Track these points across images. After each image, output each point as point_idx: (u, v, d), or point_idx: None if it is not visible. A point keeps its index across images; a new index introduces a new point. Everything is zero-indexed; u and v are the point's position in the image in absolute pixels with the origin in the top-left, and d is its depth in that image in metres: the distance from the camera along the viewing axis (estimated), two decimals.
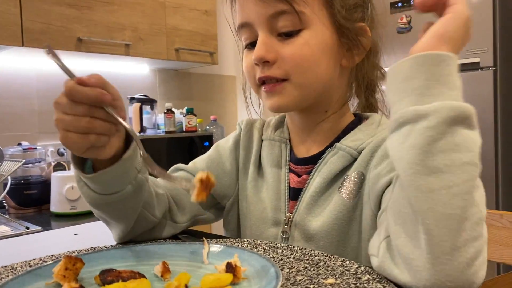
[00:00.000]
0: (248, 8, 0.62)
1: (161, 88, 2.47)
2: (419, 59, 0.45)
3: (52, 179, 1.73)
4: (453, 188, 0.41)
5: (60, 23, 1.76)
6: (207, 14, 2.29)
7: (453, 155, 0.42)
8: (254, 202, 0.71)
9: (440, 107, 0.43)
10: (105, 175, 0.55)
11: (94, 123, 0.51)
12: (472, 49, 1.94)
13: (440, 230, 0.40)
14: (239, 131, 0.78)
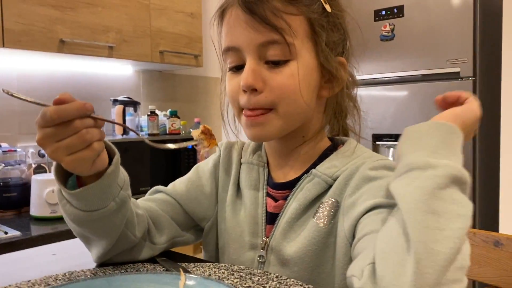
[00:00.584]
0: (238, 33, 0.63)
1: (144, 89, 2.45)
2: (438, 125, 0.52)
3: (32, 182, 1.71)
4: (446, 231, 0.44)
5: (43, 24, 1.74)
6: (192, 17, 2.28)
7: (451, 206, 0.46)
8: (232, 225, 0.72)
9: (447, 165, 0.48)
10: (90, 190, 0.56)
11: (92, 133, 0.53)
12: (453, 59, 1.98)
13: (428, 263, 0.42)
14: (219, 153, 0.78)
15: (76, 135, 0.52)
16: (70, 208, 0.58)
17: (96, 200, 0.58)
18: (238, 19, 0.63)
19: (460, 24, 1.95)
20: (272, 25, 0.60)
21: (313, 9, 0.63)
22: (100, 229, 0.62)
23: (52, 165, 1.63)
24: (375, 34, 2.19)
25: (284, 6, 0.61)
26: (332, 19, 0.65)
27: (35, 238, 1.47)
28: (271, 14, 0.60)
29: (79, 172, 0.56)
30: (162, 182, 2.30)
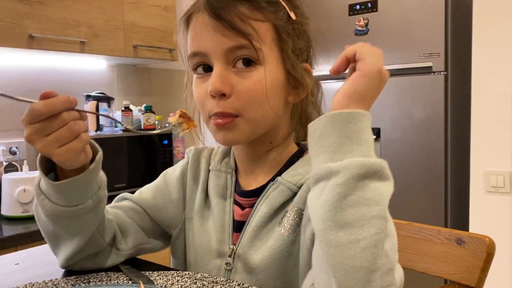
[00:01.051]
0: (205, 38, 0.62)
1: (119, 84, 2.42)
2: (332, 118, 0.50)
3: (3, 181, 1.68)
4: (362, 242, 0.44)
5: (10, 19, 1.69)
6: (166, 10, 2.25)
7: (363, 209, 0.46)
8: (200, 232, 0.72)
9: (349, 165, 0.47)
10: (72, 183, 0.58)
11: (78, 123, 0.55)
12: (426, 54, 2.00)
13: (349, 283, 0.44)
14: (187, 160, 0.78)
15: (65, 127, 0.54)
16: (48, 203, 0.60)
17: (75, 195, 0.60)
18: (205, 24, 0.62)
19: (433, 19, 1.97)
20: (240, 30, 0.60)
21: (279, 16, 0.64)
22: (74, 227, 0.63)
23: (23, 163, 1.58)
24: (349, 29, 2.20)
25: (251, 12, 0.62)
26: (297, 26, 0.66)
27: (6, 239, 1.45)
28: (239, 20, 0.61)
29: (69, 164, 0.57)
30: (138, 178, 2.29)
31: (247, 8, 0.62)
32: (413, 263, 0.88)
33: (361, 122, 0.50)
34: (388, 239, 0.46)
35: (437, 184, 2.00)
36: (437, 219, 2.01)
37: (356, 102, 0.52)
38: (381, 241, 0.45)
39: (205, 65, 0.65)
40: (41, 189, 0.60)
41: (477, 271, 0.79)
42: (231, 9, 0.61)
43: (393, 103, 2.10)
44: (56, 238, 0.66)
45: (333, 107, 0.53)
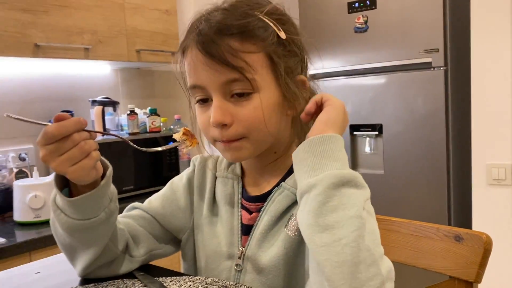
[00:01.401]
0: (201, 73, 0.65)
1: (123, 87, 2.46)
2: (308, 143, 0.59)
3: (15, 188, 1.72)
4: (343, 240, 0.50)
5: (15, 29, 1.72)
6: (167, 14, 2.28)
7: (341, 212, 0.53)
8: (209, 236, 0.76)
9: (324, 177, 0.55)
10: (85, 199, 0.63)
11: (90, 144, 0.60)
12: (425, 50, 2.02)
13: (337, 276, 0.49)
14: (193, 168, 0.82)
15: (76, 147, 0.59)
16: (64, 217, 0.64)
17: (89, 209, 0.64)
18: (198, 60, 0.65)
19: (431, 15, 2.00)
20: (231, 65, 0.62)
21: (269, 42, 0.65)
22: (88, 239, 0.67)
23: (33, 169, 1.62)
24: (349, 26, 2.22)
25: (241, 45, 0.63)
26: (288, 45, 0.68)
27: (20, 244, 1.49)
28: (229, 55, 0.62)
29: (81, 180, 0.62)
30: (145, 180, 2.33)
31: (237, 41, 0.63)
32: (415, 260, 0.91)
33: (333, 143, 0.58)
34: (369, 235, 0.52)
35: (439, 178, 2.03)
36: (440, 213, 2.04)
37: (331, 127, 0.60)
38: (360, 236, 0.51)
39: (204, 98, 0.68)
40: (57, 204, 0.65)
41: (475, 266, 0.82)
42: (221, 44, 0.63)
43: (394, 99, 2.12)
44: (72, 250, 0.70)
45: (311, 133, 0.61)
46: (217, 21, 0.64)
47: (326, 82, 2.29)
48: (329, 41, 2.30)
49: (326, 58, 2.29)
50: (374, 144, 2.25)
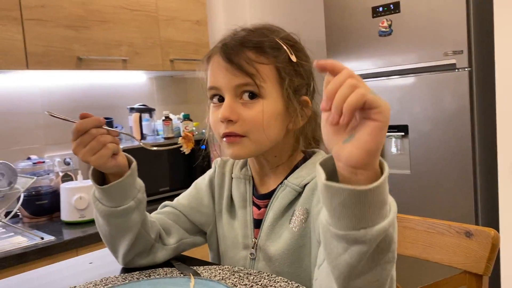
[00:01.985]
0: (219, 76, 0.77)
1: (158, 94, 2.60)
2: (357, 193, 0.46)
3: (61, 190, 1.87)
4: (374, 283, 0.52)
5: (60, 45, 1.88)
6: (198, 24, 2.40)
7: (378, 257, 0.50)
8: (228, 229, 0.88)
9: (376, 236, 0.47)
10: (114, 186, 0.76)
11: (105, 137, 0.74)
12: (449, 52, 2.06)
13: None
14: (214, 170, 0.94)
15: (94, 139, 0.72)
16: (101, 206, 0.78)
17: (119, 197, 0.78)
18: (220, 65, 0.77)
19: (455, 17, 2.03)
20: (245, 71, 0.75)
21: (280, 60, 0.78)
22: (123, 226, 0.80)
23: (78, 173, 1.79)
24: (373, 30, 2.28)
25: (256, 57, 0.77)
26: (297, 67, 0.79)
27: (68, 242, 1.64)
28: (245, 63, 0.76)
29: (103, 167, 0.76)
30: (180, 181, 2.47)
31: (253, 53, 0.77)
32: (428, 255, 0.98)
33: (380, 188, 0.47)
34: (393, 266, 0.53)
35: (466, 177, 2.06)
36: (467, 212, 2.06)
37: (375, 157, 0.48)
38: (389, 277, 0.53)
39: (219, 96, 0.79)
40: (95, 196, 0.80)
41: (484, 260, 0.88)
42: (240, 54, 0.76)
43: (419, 100, 2.16)
44: (112, 239, 0.83)
45: (351, 163, 0.47)
46: (241, 36, 0.78)
47: None
48: (354, 45, 2.36)
49: (352, 61, 2.36)
50: (401, 144, 2.29)
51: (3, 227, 1.80)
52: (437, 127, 2.12)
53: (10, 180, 1.59)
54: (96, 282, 0.72)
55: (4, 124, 2.03)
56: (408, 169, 2.23)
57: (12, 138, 2.05)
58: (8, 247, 1.53)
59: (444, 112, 2.09)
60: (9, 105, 2.05)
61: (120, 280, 0.72)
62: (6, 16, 1.72)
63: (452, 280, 0.95)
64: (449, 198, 2.11)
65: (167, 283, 0.67)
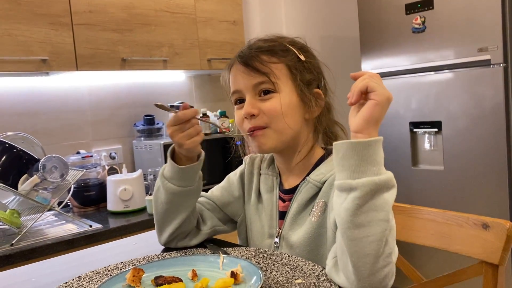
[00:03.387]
0: (238, 79, 0.89)
1: (197, 92, 2.72)
2: (353, 144, 0.65)
3: (108, 182, 2.02)
4: (370, 237, 0.63)
5: (106, 47, 2.02)
6: (235, 24, 2.50)
7: (372, 214, 0.63)
8: (256, 220, 0.97)
9: (365, 183, 0.63)
10: (190, 168, 0.88)
11: (198, 126, 0.85)
12: (484, 47, 2.05)
13: (361, 264, 0.63)
14: (244, 166, 1.04)
15: (193, 127, 0.83)
16: (170, 185, 0.89)
17: (189, 179, 0.89)
18: (238, 70, 0.89)
19: (489, 13, 2.02)
20: (261, 71, 0.86)
21: (289, 59, 0.88)
22: (181, 204, 0.90)
23: (122, 166, 1.92)
24: (407, 27, 2.30)
25: (269, 58, 0.88)
26: (306, 64, 0.89)
27: (113, 229, 1.77)
28: (260, 64, 0.86)
29: (192, 151, 0.86)
30: (217, 175, 2.60)
31: (266, 56, 0.88)
32: (447, 245, 1.03)
33: (375, 147, 0.64)
34: (390, 232, 0.64)
35: (500, 174, 2.05)
36: (502, 209, 2.06)
37: (373, 126, 0.66)
38: (385, 236, 0.63)
39: (241, 99, 0.90)
40: (165, 176, 0.90)
41: (500, 251, 0.93)
42: (255, 58, 0.87)
43: (453, 96, 2.17)
44: (166, 216, 0.93)
45: (353, 129, 0.67)
46: (254, 44, 0.91)
47: (387, 81, 2.39)
48: (387, 41, 2.39)
49: (385, 57, 2.39)
50: (434, 140, 2.31)
51: (55, 216, 1.97)
52: (471, 123, 2.12)
53: (62, 172, 1.74)
54: (139, 259, 0.83)
55: (56, 121, 2.20)
56: (442, 165, 2.24)
57: (63, 134, 2.22)
58: (60, 234, 1.68)
59: (479, 108, 2.09)
60: (60, 103, 2.22)
61: (160, 258, 0.82)
62: (58, 22, 1.87)
63: (470, 270, 0.99)
64: (483, 195, 2.11)
65: (200, 259, 0.77)
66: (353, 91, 0.68)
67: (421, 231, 1.09)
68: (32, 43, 1.81)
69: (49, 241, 1.60)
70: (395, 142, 2.41)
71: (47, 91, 2.18)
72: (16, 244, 1.56)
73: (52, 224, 1.87)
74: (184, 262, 0.76)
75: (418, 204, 1.18)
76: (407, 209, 1.12)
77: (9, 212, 1.69)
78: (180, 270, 0.74)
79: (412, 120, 2.33)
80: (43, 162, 1.70)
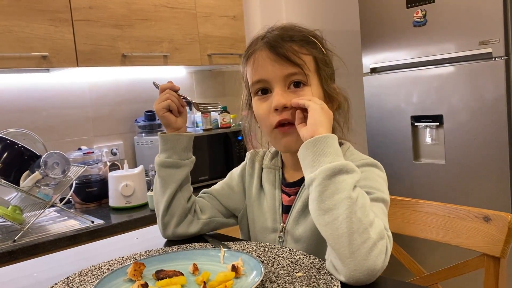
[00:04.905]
0: (267, 68, 0.84)
1: (197, 88, 2.71)
2: (305, 145, 0.73)
3: (109, 178, 2.02)
4: (339, 218, 0.65)
5: (107, 43, 2.02)
6: (235, 19, 2.49)
7: (336, 196, 0.67)
8: (258, 215, 0.96)
9: (319, 172, 0.69)
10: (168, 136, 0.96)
11: (169, 95, 0.95)
12: (485, 40, 2.04)
13: (339, 245, 0.64)
14: (246, 161, 1.03)
15: (164, 94, 0.95)
16: (157, 158, 0.97)
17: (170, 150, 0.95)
18: (267, 58, 0.84)
19: (490, 6, 2.01)
20: (293, 62, 0.83)
21: (316, 51, 0.86)
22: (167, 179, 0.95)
23: (123, 162, 1.93)
24: (408, 21, 2.29)
25: (299, 48, 0.85)
26: (327, 57, 0.88)
27: (115, 225, 1.78)
28: (292, 54, 0.83)
29: (159, 115, 0.95)
30: (219, 171, 2.59)
31: (296, 46, 0.84)
32: (449, 238, 1.03)
33: (324, 142, 0.71)
34: (360, 209, 0.66)
35: (502, 167, 2.05)
36: (503, 202, 2.06)
37: (320, 126, 0.74)
38: (352, 212, 0.65)
39: (264, 89, 0.86)
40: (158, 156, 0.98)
41: (501, 243, 0.93)
42: (286, 47, 0.83)
43: (454, 90, 2.16)
44: (157, 195, 0.95)
45: (303, 136, 0.75)
46: (279, 33, 0.86)
47: (388, 75, 2.38)
48: (388, 35, 2.38)
49: (386, 51, 2.38)
50: (436, 134, 2.30)
51: (58, 212, 1.98)
52: (472, 117, 2.11)
53: (64, 168, 1.74)
54: (141, 253, 0.83)
55: (58, 118, 2.20)
56: (443, 159, 2.24)
57: (65, 130, 2.23)
58: (63, 229, 1.69)
59: (480, 102, 2.09)
60: (61, 100, 2.22)
61: (161, 252, 0.82)
62: (58, 18, 1.87)
63: (471, 263, 0.99)
64: (485, 188, 2.11)
65: (201, 253, 0.77)
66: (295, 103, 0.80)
67: (422, 224, 1.09)
68: (32, 40, 1.81)
69: (51, 237, 1.61)
70: (397, 136, 2.41)
71: (48, 88, 2.18)
72: (18, 240, 1.56)
73: (54, 220, 1.88)
74: (185, 256, 0.76)
75: (420, 198, 1.18)
76: (408, 203, 1.12)
77: (11, 208, 1.69)
78: (181, 264, 0.74)
79: (413, 114, 2.32)
80: (44, 159, 1.71)
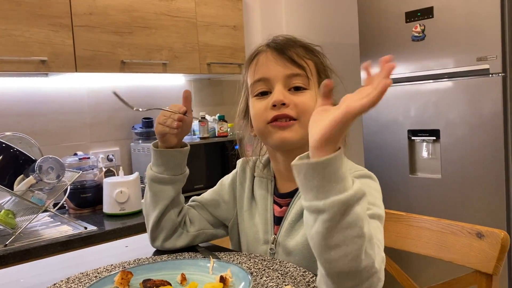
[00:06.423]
0: (269, 67, 0.85)
1: (196, 96, 2.72)
2: (313, 165, 0.57)
3: (104, 184, 2.01)
4: (348, 256, 0.57)
5: (106, 49, 2.02)
6: (235, 29, 2.50)
7: (346, 232, 0.57)
8: (250, 225, 0.95)
9: (333, 204, 0.56)
10: (162, 152, 0.91)
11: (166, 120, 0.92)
12: (483, 56, 2.05)
13: (343, 282, 0.60)
14: (236, 170, 1.02)
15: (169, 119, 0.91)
16: (149, 171, 0.93)
17: (163, 166, 0.92)
18: (270, 57, 0.86)
19: (488, 22, 2.02)
20: (298, 63, 0.84)
21: (318, 59, 0.89)
22: (158, 194, 0.92)
23: (119, 169, 1.92)
24: (407, 35, 2.30)
25: (304, 52, 0.88)
26: (328, 70, 0.91)
27: (108, 232, 1.77)
28: (296, 56, 0.85)
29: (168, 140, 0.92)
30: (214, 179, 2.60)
31: (301, 49, 0.87)
32: (442, 254, 1.03)
33: (335, 164, 0.57)
34: (369, 244, 0.59)
35: (498, 183, 2.05)
36: (498, 218, 2.05)
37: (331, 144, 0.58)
38: (363, 251, 0.58)
39: (264, 92, 0.86)
40: (150, 167, 0.94)
41: (494, 260, 0.92)
42: (291, 48, 0.86)
43: (452, 105, 2.17)
44: (148, 208, 0.93)
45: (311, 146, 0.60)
46: (284, 39, 0.88)
47: None
48: (387, 49, 2.39)
49: None
50: (432, 149, 2.30)
51: (51, 217, 1.96)
52: (469, 132, 2.12)
53: (58, 173, 1.74)
54: (130, 261, 0.82)
55: (55, 123, 2.20)
56: (439, 174, 2.24)
57: (61, 135, 2.22)
58: (55, 235, 1.68)
59: (477, 117, 2.09)
60: (59, 105, 2.21)
61: (150, 261, 0.81)
62: (58, 23, 1.87)
63: (463, 279, 0.98)
64: (481, 204, 2.10)
65: (190, 263, 0.76)
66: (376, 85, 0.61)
67: (416, 239, 1.09)
68: (32, 44, 1.81)
69: (43, 242, 1.60)
70: (393, 150, 2.41)
71: (46, 92, 2.18)
72: (10, 245, 1.55)
73: (47, 225, 1.87)
74: (174, 265, 0.76)
75: (415, 212, 1.17)
76: (402, 217, 1.12)
77: (4, 212, 1.68)
78: (169, 274, 0.73)
79: (410, 128, 2.32)
80: (39, 163, 1.70)
